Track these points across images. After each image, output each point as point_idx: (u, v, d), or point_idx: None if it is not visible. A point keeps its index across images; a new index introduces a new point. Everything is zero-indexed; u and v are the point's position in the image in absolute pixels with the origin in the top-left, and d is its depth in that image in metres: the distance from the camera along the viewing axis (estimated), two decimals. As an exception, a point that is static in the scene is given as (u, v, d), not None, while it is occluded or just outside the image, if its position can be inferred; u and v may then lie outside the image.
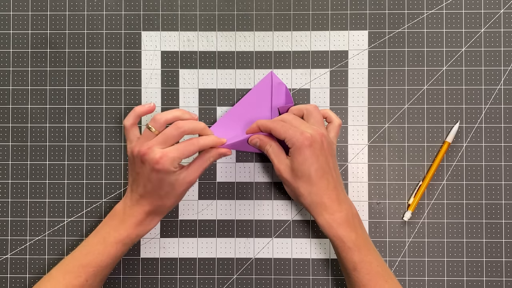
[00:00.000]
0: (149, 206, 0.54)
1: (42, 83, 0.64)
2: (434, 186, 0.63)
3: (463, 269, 0.62)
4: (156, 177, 0.52)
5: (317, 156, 0.53)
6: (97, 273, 0.54)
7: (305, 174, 0.53)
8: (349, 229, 0.53)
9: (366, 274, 0.53)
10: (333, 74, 0.64)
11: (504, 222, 0.62)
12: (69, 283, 0.53)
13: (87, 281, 0.54)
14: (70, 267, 0.54)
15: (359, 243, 0.53)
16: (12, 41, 0.64)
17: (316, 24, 0.64)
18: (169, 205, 0.55)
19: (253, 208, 0.63)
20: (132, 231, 0.55)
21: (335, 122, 0.58)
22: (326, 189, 0.54)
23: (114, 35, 0.64)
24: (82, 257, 0.54)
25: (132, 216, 0.55)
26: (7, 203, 0.63)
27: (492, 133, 0.63)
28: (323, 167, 0.53)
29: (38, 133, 0.64)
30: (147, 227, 0.56)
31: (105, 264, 0.54)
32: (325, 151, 0.54)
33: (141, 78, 0.64)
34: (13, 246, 0.63)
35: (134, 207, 0.55)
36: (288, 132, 0.53)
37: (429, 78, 0.63)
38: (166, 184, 0.53)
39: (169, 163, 0.52)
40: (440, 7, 0.64)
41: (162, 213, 0.56)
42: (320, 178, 0.53)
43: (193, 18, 0.64)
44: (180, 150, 0.52)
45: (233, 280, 0.62)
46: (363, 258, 0.53)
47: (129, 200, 0.55)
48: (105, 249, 0.54)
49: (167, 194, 0.54)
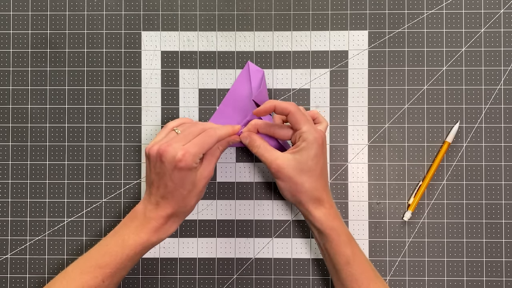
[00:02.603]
0: (171, 209, 0.53)
1: (42, 83, 0.64)
2: (434, 186, 0.63)
3: (463, 269, 0.62)
4: (178, 176, 0.51)
5: (323, 154, 0.55)
6: (114, 274, 0.53)
7: (313, 169, 0.54)
8: (341, 223, 0.55)
9: (358, 267, 0.54)
10: (333, 74, 0.64)
11: (504, 222, 0.62)
12: (86, 283, 0.52)
13: (104, 282, 0.52)
14: (87, 267, 0.53)
15: (350, 237, 0.55)
16: (12, 41, 0.64)
17: (316, 24, 0.64)
18: (191, 205, 0.54)
19: (253, 208, 0.63)
20: (152, 235, 0.53)
21: (324, 123, 0.58)
22: (326, 185, 0.56)
23: (114, 35, 0.64)
24: (99, 257, 0.53)
25: (153, 220, 0.53)
26: (7, 203, 0.63)
27: (492, 133, 0.63)
28: (325, 165, 0.56)
29: (38, 133, 0.64)
30: (167, 231, 0.54)
31: (123, 266, 0.53)
32: (324, 149, 0.55)
33: (141, 78, 0.64)
34: (13, 246, 0.63)
35: (155, 211, 0.53)
36: (305, 125, 0.54)
37: (429, 78, 0.63)
38: (189, 182, 0.52)
39: (191, 160, 0.51)
40: (440, 7, 0.64)
41: (183, 216, 0.55)
42: (322, 175, 0.55)
43: (193, 18, 0.64)
44: (199, 144, 0.52)
45: (233, 280, 0.62)
46: (355, 251, 0.55)
47: (148, 203, 0.54)
48: (123, 252, 0.53)
49: (190, 193, 0.53)
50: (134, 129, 0.63)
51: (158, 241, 0.54)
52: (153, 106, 0.64)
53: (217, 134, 0.53)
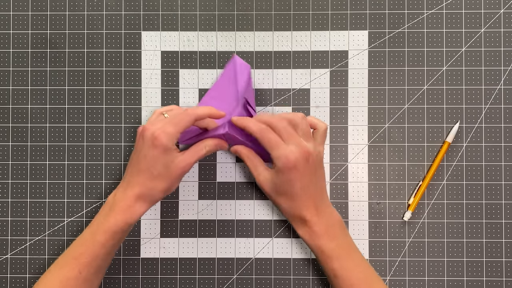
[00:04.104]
0: (139, 188, 0.53)
1: (42, 83, 0.64)
2: (434, 186, 0.63)
3: (463, 269, 0.62)
4: (152, 154, 0.51)
5: (301, 176, 0.53)
6: (89, 264, 0.53)
7: (288, 192, 0.54)
8: (328, 240, 0.54)
9: (346, 281, 0.54)
10: (333, 74, 0.64)
11: (504, 222, 0.62)
12: (64, 276, 0.52)
13: (81, 273, 0.52)
14: (64, 260, 0.54)
15: (338, 252, 0.54)
16: (12, 41, 0.64)
17: (316, 24, 0.64)
18: (159, 189, 0.53)
19: (253, 208, 0.63)
20: (119, 218, 0.52)
21: (321, 128, 0.56)
22: (306, 205, 0.54)
23: (114, 35, 0.64)
24: (75, 249, 0.54)
25: (120, 201, 0.53)
26: (7, 203, 0.63)
27: (492, 133, 0.63)
28: (305, 185, 0.54)
29: (38, 133, 0.64)
30: (135, 214, 0.53)
31: (96, 254, 0.53)
32: (309, 168, 0.53)
33: (141, 78, 0.64)
34: (13, 246, 0.63)
35: (123, 191, 0.53)
36: (274, 151, 0.53)
37: (429, 78, 0.63)
38: (161, 163, 0.52)
39: (166, 138, 0.51)
40: (440, 7, 0.64)
41: (151, 200, 0.54)
42: (301, 196, 0.54)
43: (193, 18, 0.64)
44: (175, 123, 0.52)
45: (233, 280, 0.62)
46: (343, 265, 0.54)
47: (120, 185, 0.54)
48: (94, 239, 0.53)
49: (160, 175, 0.52)
50: (134, 129, 0.63)
51: (126, 225, 0.53)
52: (153, 106, 0.64)
53: (195, 112, 0.52)
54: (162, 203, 0.63)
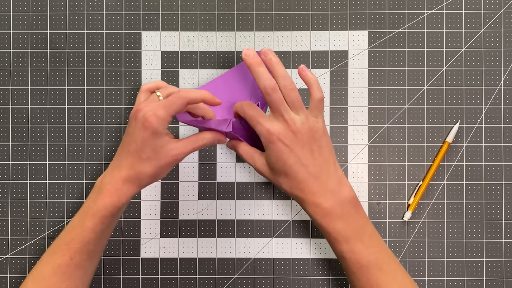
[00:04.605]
0: (126, 170, 0.50)
1: (42, 83, 0.64)
2: (434, 186, 0.63)
3: (463, 269, 0.62)
4: (141, 136, 0.49)
5: (289, 150, 0.50)
6: (80, 250, 0.51)
7: (282, 171, 0.51)
8: (335, 220, 0.51)
9: (354, 263, 0.51)
10: (333, 74, 0.64)
11: (504, 222, 0.62)
12: (55, 262, 0.51)
13: (72, 259, 0.51)
14: (55, 247, 0.52)
15: (346, 233, 0.51)
16: (12, 41, 0.64)
17: (316, 24, 0.64)
18: (147, 173, 0.50)
19: (253, 208, 0.63)
20: (107, 200, 0.50)
21: (314, 98, 0.52)
22: (306, 181, 0.51)
23: (114, 35, 0.64)
24: (65, 235, 0.52)
25: (108, 184, 0.50)
26: (7, 203, 0.63)
27: (492, 133, 0.63)
28: (299, 160, 0.50)
29: (38, 133, 0.64)
30: (122, 196, 0.50)
31: (87, 239, 0.51)
32: (300, 142, 0.50)
33: (141, 78, 0.64)
34: (13, 246, 0.63)
35: (111, 173, 0.51)
36: (256, 128, 0.51)
37: (429, 78, 0.63)
38: (150, 146, 0.49)
39: (156, 121, 0.48)
40: (440, 7, 0.64)
41: (139, 183, 0.51)
42: (298, 172, 0.51)
43: (193, 18, 0.64)
44: (167, 106, 0.49)
45: (233, 280, 0.62)
46: (351, 248, 0.51)
47: (109, 168, 0.52)
48: (84, 223, 0.51)
49: (148, 159, 0.50)
50: (134, 129, 0.63)
51: (115, 208, 0.51)
52: (153, 106, 0.63)
53: (188, 95, 0.50)
54: (162, 203, 0.63)
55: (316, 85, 0.53)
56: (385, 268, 0.51)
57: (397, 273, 0.52)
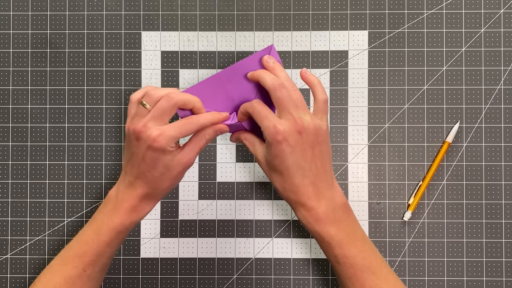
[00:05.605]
0: (143, 189, 0.51)
1: (42, 83, 0.64)
2: (434, 186, 0.63)
3: (463, 269, 0.62)
4: (150, 157, 0.49)
5: (292, 150, 0.49)
6: (94, 262, 0.52)
7: (278, 169, 0.50)
8: (328, 225, 0.50)
9: (349, 268, 0.51)
10: (333, 74, 0.64)
11: (504, 222, 0.62)
12: (66, 273, 0.51)
13: (85, 271, 0.52)
14: (66, 258, 0.53)
15: (339, 238, 0.51)
16: (12, 41, 0.64)
17: (316, 24, 0.64)
18: (164, 188, 0.51)
19: (253, 208, 0.63)
20: (125, 218, 0.51)
21: (319, 99, 0.52)
22: (301, 185, 0.50)
23: (114, 35, 0.64)
24: (77, 247, 0.52)
25: (125, 201, 0.51)
26: (7, 203, 0.63)
27: (492, 133, 0.63)
28: (298, 162, 0.50)
29: (38, 133, 0.64)
30: (141, 213, 0.52)
31: (101, 253, 0.52)
32: (303, 142, 0.50)
33: (141, 78, 0.64)
34: (13, 246, 0.63)
35: (127, 191, 0.51)
36: (262, 123, 0.50)
37: (429, 78, 0.63)
38: (161, 164, 0.50)
39: (166, 142, 0.48)
40: (440, 7, 0.64)
41: (157, 197, 0.52)
42: (294, 175, 0.50)
43: (193, 18, 0.64)
44: (178, 128, 0.49)
45: (233, 280, 0.62)
46: (345, 253, 0.51)
47: (122, 183, 0.52)
48: (99, 238, 0.51)
49: (162, 176, 0.50)
50: (134, 129, 0.63)
51: (132, 224, 0.52)
52: (153, 106, 0.63)
53: (200, 122, 0.50)
54: (162, 203, 0.63)
55: (320, 87, 0.53)
56: (378, 272, 0.51)
57: (390, 277, 0.52)
